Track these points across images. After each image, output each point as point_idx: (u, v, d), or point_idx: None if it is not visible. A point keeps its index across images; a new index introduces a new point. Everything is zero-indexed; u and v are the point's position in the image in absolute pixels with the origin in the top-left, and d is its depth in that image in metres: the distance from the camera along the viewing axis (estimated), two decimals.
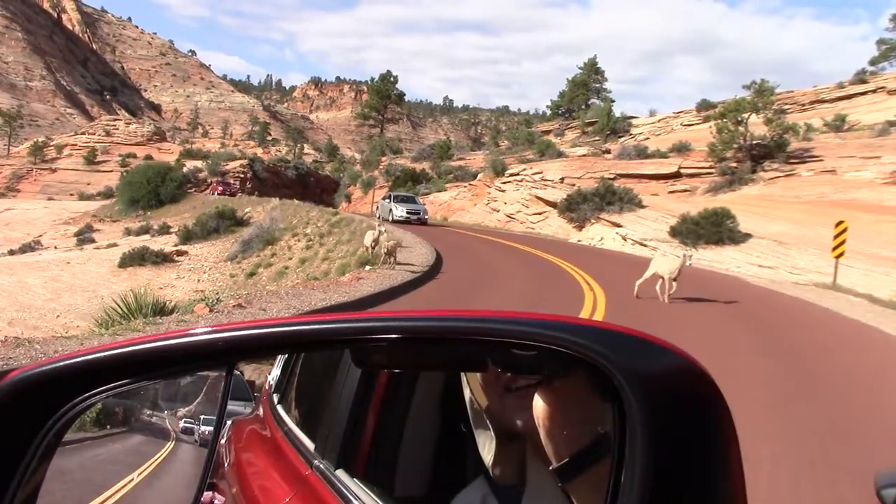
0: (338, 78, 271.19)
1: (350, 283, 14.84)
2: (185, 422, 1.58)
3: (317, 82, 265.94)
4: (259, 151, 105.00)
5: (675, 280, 15.06)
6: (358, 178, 67.79)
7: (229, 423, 2.75)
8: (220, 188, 63.97)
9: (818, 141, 48.45)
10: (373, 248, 18.95)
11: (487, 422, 1.34)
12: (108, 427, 1.47)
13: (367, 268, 17.35)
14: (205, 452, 1.57)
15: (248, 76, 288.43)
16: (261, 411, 2.60)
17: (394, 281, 15.16)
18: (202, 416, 1.56)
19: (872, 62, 66.19)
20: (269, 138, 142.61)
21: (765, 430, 6.46)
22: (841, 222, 20.73)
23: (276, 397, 2.46)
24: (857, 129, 51.93)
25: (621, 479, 1.09)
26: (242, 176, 73.72)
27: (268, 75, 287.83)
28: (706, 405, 1.15)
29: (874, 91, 61.41)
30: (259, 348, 1.33)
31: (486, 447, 1.36)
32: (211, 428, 1.56)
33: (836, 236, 20.55)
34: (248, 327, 1.27)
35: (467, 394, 1.40)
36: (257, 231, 35.42)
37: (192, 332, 1.23)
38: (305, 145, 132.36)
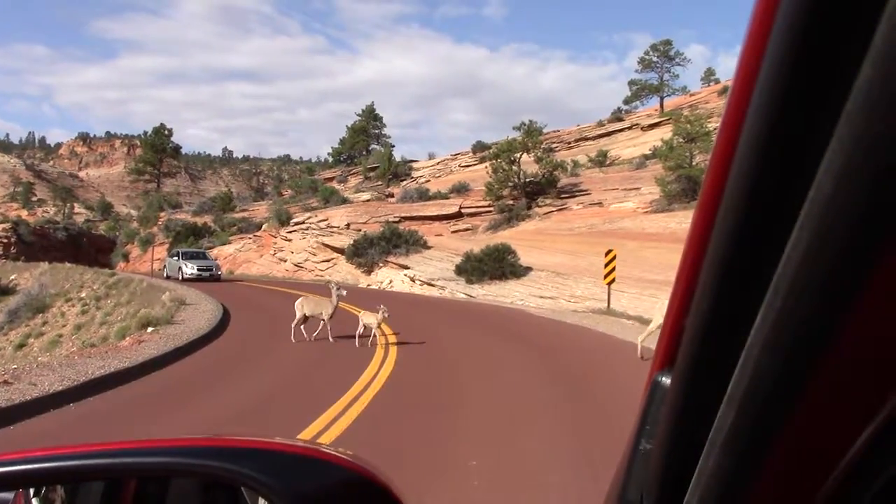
0: (108, 133, 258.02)
1: (131, 346, 14.04)
2: None
3: (85, 138, 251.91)
4: (24, 214, 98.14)
5: None
6: (135, 236, 65.05)
7: None
8: None
9: (585, 176, 51.74)
10: (330, 316, 15.39)
11: None
12: None
13: (150, 329, 16.51)
14: None
15: (8, 134, 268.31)
16: None
17: (178, 341, 14.50)
18: None
19: (626, 101, 71.67)
20: (35, 199, 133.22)
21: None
22: (610, 251, 22.07)
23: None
24: (617, 163, 56.00)
25: None
26: (6, 241, 68.43)
27: (29, 133, 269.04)
28: None
29: (630, 128, 66.62)
30: None
31: None
32: None
33: (607, 264, 21.85)
34: None
35: None
36: (25, 299, 32.87)
37: None
38: (76, 204, 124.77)
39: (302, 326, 15.48)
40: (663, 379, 0.81)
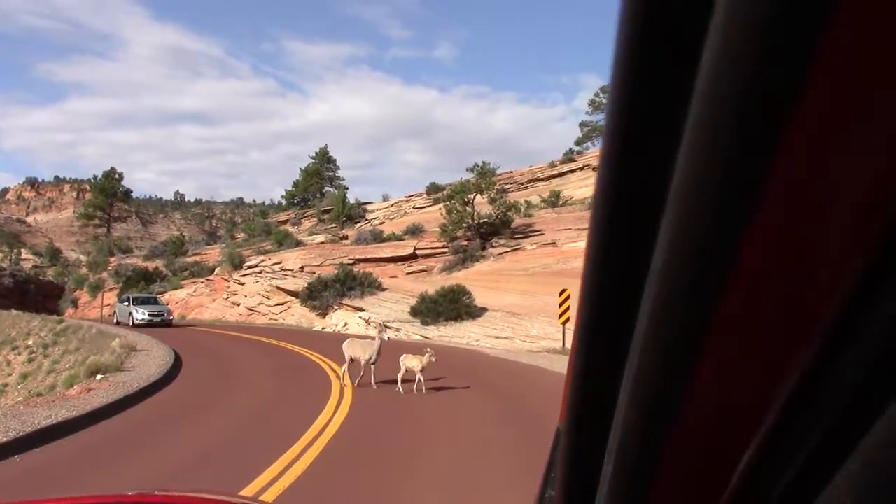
0: (57, 177, 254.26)
1: (79, 395, 13.73)
2: None
3: (32, 182, 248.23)
4: None
5: None
6: (84, 282, 63.95)
7: None
8: None
9: (538, 216, 52.09)
10: (373, 361, 14.76)
11: None
12: None
13: (99, 377, 16.18)
14: None
15: None
16: None
17: (128, 389, 14.23)
18: None
19: (578, 142, 72.84)
20: None
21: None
22: (564, 290, 22.23)
23: None
24: (570, 203, 56.50)
25: None
26: None
27: None
28: None
29: (582, 168, 67.31)
30: None
31: None
32: None
33: (561, 304, 21.99)
34: None
35: None
36: None
37: None
38: (23, 250, 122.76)
39: (348, 369, 15.29)
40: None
